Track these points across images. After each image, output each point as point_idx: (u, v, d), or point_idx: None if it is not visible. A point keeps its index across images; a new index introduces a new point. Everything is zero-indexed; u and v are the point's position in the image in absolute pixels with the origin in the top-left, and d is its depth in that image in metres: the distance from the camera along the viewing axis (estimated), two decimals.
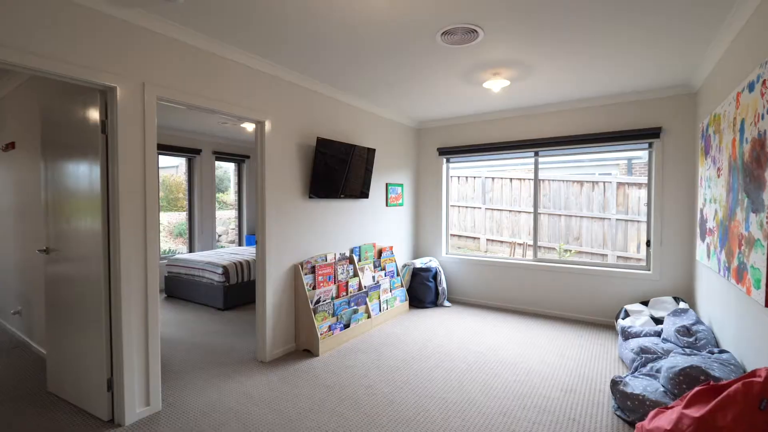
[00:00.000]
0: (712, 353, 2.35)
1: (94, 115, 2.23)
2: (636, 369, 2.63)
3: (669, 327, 2.96)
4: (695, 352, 2.41)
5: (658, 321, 3.47)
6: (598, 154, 4.30)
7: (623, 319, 3.64)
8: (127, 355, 2.24)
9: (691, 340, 2.70)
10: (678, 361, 2.21)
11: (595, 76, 3.33)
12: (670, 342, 2.85)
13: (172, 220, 9.88)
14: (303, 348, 3.32)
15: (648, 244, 3.97)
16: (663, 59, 2.96)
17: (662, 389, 2.19)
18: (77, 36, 2.01)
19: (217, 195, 10.77)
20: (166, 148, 5.75)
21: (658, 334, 3.09)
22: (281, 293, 3.24)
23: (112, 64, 2.15)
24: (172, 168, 9.90)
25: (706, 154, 3.02)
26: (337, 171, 3.68)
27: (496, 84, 3.35)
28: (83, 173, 2.31)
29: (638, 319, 3.55)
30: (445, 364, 3.04)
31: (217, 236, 9.87)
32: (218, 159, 6.57)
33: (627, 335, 3.17)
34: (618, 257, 6.66)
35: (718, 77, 2.74)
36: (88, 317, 2.32)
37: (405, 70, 3.18)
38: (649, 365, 2.58)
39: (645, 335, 3.11)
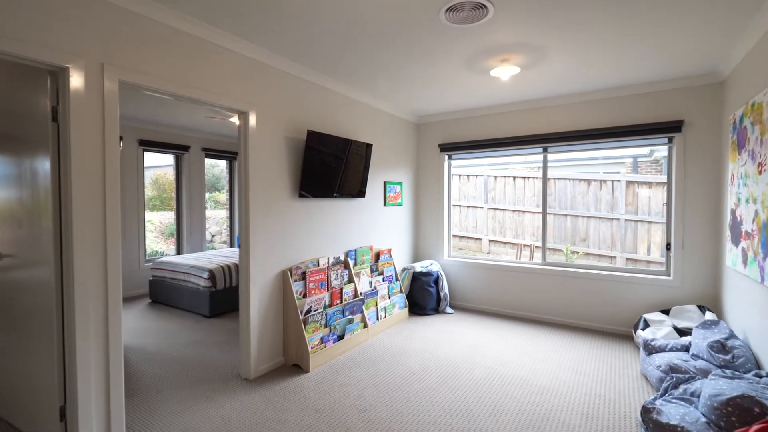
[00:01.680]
0: (760, 377, 2.05)
1: (43, 100, 1.92)
2: (666, 391, 2.33)
3: (699, 341, 2.66)
4: (737, 374, 2.11)
5: (681, 332, 3.17)
6: (610, 151, 4.01)
7: (643, 329, 3.34)
8: (83, 378, 1.93)
9: (727, 358, 2.39)
10: (722, 387, 1.90)
11: (612, 63, 3.02)
12: (702, 359, 2.55)
13: (164, 220, 9.59)
14: (292, 363, 3.01)
15: (668, 247, 3.66)
16: (689, 44, 2.66)
17: (704, 419, 1.88)
18: (17, 3, 1.70)
19: (213, 194, 10.48)
20: (152, 144, 5.43)
21: (686, 348, 2.79)
22: (268, 302, 2.93)
23: (62, 39, 1.84)
24: (168, 167, 9.61)
25: (740, 148, 2.72)
26: (331, 168, 3.37)
27: (505, 72, 3.04)
28: (35, 168, 1.99)
29: (659, 329, 3.25)
30: (449, 382, 2.73)
31: (210, 237, 9.57)
32: (208, 156, 6.25)
33: (650, 349, 2.87)
34: (627, 259, 6.38)
35: (756, 62, 2.44)
36: (39, 333, 2.01)
37: (405, 56, 2.87)
38: (682, 387, 2.28)
39: (671, 350, 2.81)
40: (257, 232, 2.82)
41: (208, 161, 6.35)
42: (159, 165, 9.66)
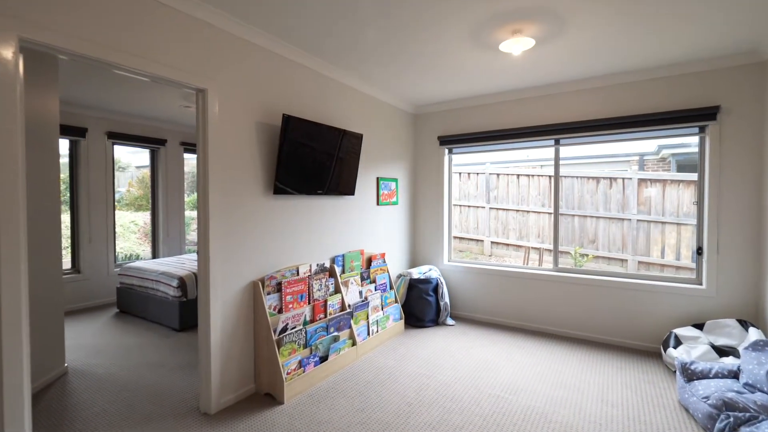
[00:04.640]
0: None
1: None
2: None
3: (754, 367, 2.20)
4: None
5: (720, 351, 2.72)
6: (614, 150, 3.55)
7: (674, 347, 2.89)
8: None
9: None
10: None
11: (641, 36, 2.55)
12: (762, 391, 2.09)
13: (149, 220, 9.12)
14: (265, 391, 2.54)
15: (699, 251, 3.21)
16: (731, 17, 2.19)
17: None
18: None
19: None
20: (123, 137, 4.94)
21: (734, 374, 2.34)
22: (235, 320, 2.45)
23: None
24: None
25: None
26: (312, 160, 2.90)
27: (517, 46, 2.57)
28: None
29: (694, 348, 2.80)
30: (452, 418, 2.26)
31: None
32: (187, 151, 5.76)
33: (690, 375, 2.41)
34: (639, 263, 5.95)
35: None
36: None
37: (403, 28, 2.40)
38: (743, 430, 1.82)
39: (716, 376, 2.35)
40: (218, 236, 2.34)
41: (193, 157, 5.85)
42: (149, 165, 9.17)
